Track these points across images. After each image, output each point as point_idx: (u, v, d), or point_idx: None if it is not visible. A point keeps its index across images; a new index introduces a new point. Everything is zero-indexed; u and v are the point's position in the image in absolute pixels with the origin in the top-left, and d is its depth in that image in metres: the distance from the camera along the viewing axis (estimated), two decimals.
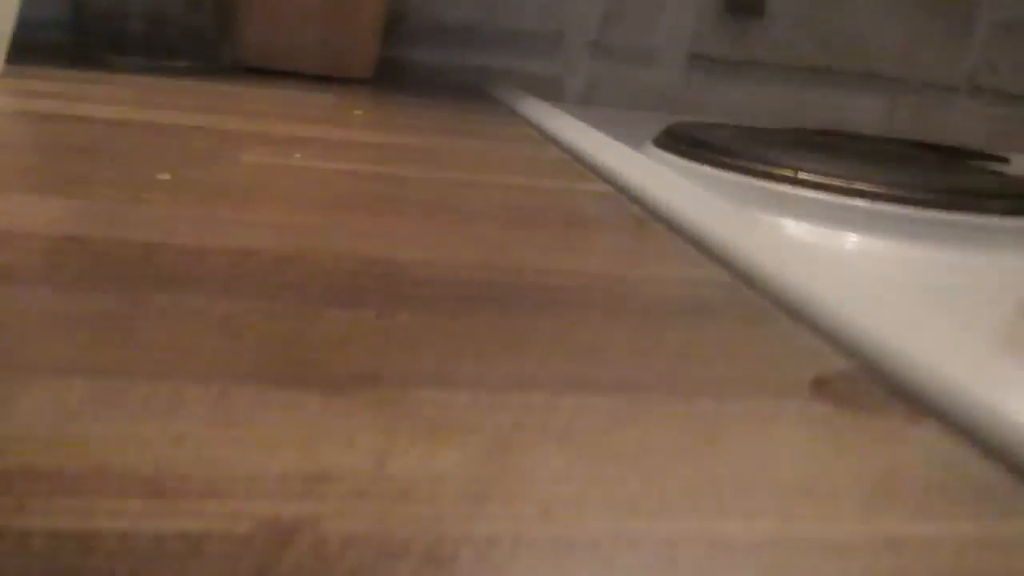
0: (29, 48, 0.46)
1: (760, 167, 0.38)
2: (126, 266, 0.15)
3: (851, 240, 0.35)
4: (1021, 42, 0.72)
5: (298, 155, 0.28)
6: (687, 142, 0.43)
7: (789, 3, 0.68)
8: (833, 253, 0.21)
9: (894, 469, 0.11)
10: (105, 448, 0.09)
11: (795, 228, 0.35)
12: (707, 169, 0.40)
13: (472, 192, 0.26)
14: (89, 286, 0.14)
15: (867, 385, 0.14)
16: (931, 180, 0.37)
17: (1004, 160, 0.59)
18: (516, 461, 0.10)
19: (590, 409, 0.12)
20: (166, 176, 0.23)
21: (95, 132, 0.28)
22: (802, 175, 0.37)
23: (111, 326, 0.13)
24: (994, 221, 0.36)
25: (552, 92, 0.66)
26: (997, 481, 0.11)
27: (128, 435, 0.10)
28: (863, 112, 0.72)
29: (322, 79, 0.56)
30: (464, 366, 0.13)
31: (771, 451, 0.11)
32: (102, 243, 0.17)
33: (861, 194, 0.36)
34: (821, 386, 0.14)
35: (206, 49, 0.56)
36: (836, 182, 0.36)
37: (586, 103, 0.67)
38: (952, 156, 0.59)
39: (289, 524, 0.08)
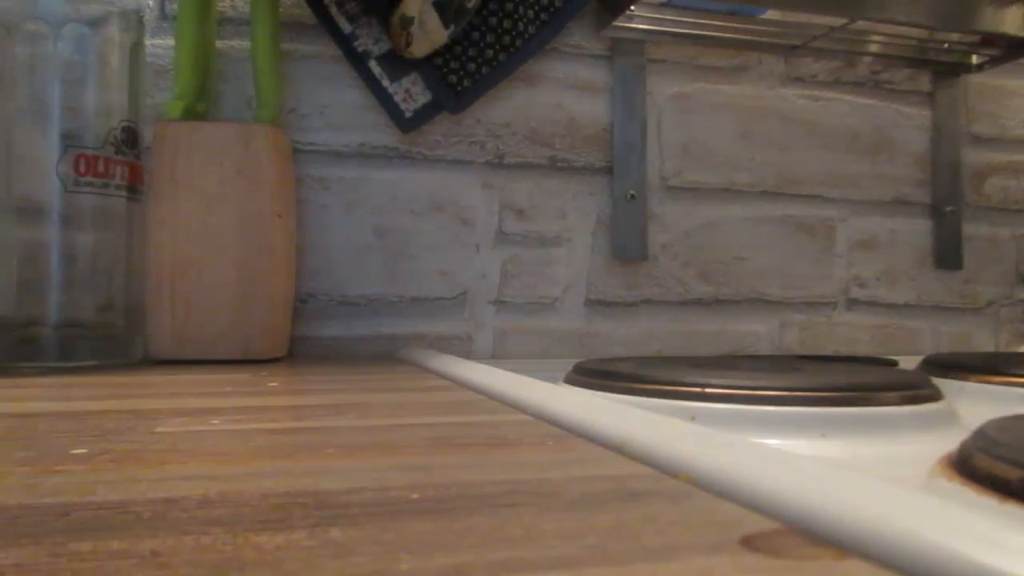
0: None
1: (669, 388, 0.40)
2: (43, 524, 0.15)
3: (763, 442, 0.36)
4: (879, 256, 0.80)
5: (216, 420, 0.28)
6: (597, 375, 0.44)
7: (669, 244, 0.74)
8: (747, 447, 0.22)
9: None
10: None
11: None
12: (620, 397, 0.41)
13: (393, 432, 0.26)
14: (3, 543, 0.14)
15: (793, 538, 0.14)
16: (830, 382, 0.39)
17: (893, 364, 0.63)
18: None
19: None
20: (81, 451, 0.23)
21: (4, 425, 0.28)
22: (709, 390, 0.39)
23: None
24: (891, 411, 0.38)
25: (462, 350, 0.68)
26: None
27: None
28: (754, 335, 0.76)
29: (235, 362, 0.56)
30: (400, 564, 0.13)
31: None
32: (16, 508, 0.16)
33: (768, 400, 0.38)
34: (750, 542, 0.14)
35: (117, 347, 0.56)
36: (743, 392, 0.38)
37: (495, 357, 0.69)
38: (845, 363, 0.62)
39: None
